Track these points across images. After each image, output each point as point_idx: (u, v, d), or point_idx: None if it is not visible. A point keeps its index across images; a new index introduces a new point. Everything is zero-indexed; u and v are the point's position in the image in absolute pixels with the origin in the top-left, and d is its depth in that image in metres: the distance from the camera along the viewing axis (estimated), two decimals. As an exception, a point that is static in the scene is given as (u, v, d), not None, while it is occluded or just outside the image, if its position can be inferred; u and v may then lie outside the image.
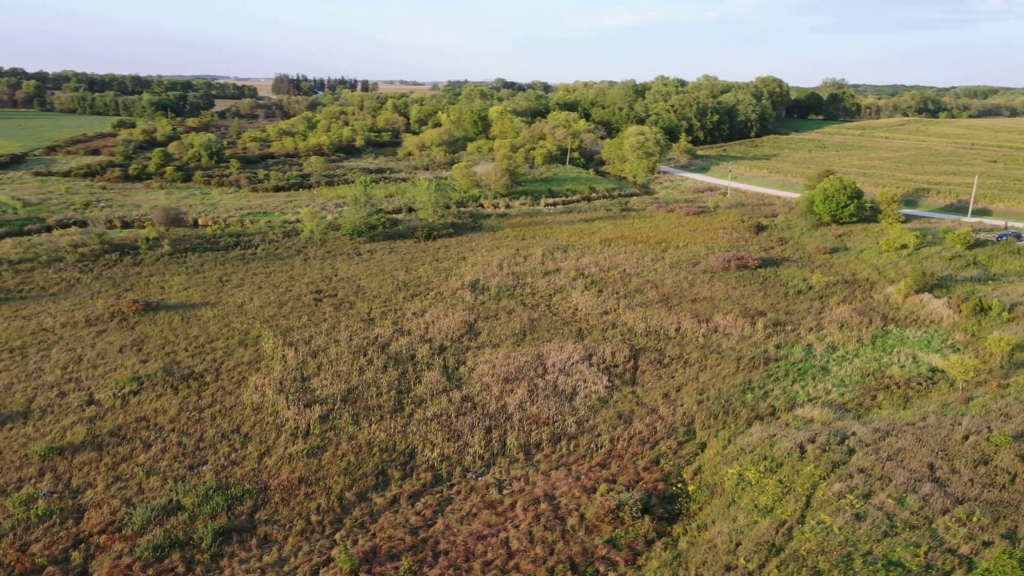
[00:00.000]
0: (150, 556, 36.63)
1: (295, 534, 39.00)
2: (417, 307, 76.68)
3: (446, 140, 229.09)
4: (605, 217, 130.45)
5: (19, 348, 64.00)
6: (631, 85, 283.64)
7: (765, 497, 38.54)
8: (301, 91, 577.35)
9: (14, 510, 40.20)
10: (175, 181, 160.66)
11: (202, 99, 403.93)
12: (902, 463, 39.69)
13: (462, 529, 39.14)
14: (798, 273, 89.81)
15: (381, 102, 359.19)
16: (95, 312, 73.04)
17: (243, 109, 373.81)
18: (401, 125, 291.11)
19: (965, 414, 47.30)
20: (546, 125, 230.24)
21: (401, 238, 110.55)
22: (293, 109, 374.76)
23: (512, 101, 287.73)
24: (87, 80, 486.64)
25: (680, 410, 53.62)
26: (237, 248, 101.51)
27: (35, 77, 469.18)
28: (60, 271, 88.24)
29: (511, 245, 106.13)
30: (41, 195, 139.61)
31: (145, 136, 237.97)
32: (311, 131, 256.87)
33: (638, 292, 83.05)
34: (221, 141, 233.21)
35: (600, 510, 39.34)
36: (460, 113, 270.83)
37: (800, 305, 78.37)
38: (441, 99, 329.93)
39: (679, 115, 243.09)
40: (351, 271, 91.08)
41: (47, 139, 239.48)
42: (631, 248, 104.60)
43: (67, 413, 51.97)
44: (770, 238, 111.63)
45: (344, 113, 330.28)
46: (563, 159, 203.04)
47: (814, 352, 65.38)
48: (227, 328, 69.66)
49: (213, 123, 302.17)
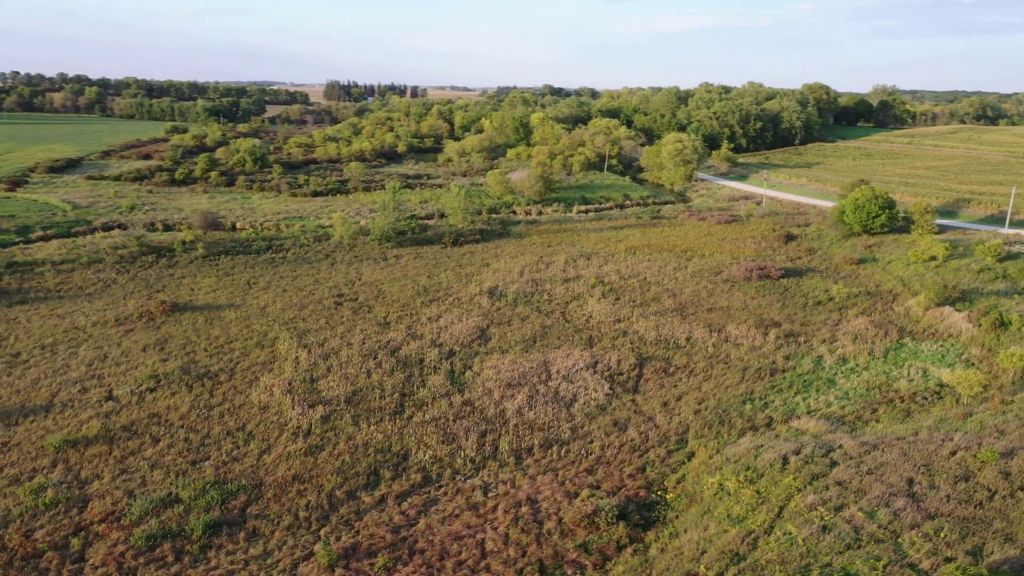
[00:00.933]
0: (143, 545, 38.59)
1: (282, 529, 40.62)
2: (433, 312, 78.20)
3: (486, 146, 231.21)
4: (635, 225, 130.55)
5: (50, 345, 67.27)
6: (674, 92, 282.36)
7: (739, 507, 38.86)
8: (351, 97, 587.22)
9: (24, 498, 42.63)
10: (219, 186, 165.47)
11: (254, 105, 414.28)
12: (881, 477, 39.60)
13: (442, 529, 40.29)
14: (820, 284, 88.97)
15: (427, 108, 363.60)
16: (125, 312, 76.27)
17: (293, 115, 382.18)
18: (445, 131, 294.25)
19: (960, 430, 46.78)
20: (586, 132, 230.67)
21: (429, 243, 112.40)
22: (341, 115, 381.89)
23: (554, 108, 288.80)
24: (146, 86, 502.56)
25: (676, 419, 53.99)
26: (269, 252, 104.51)
27: (97, 84, 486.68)
28: (99, 272, 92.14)
29: (536, 252, 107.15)
30: (91, 198, 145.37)
31: (196, 141, 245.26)
32: (356, 137, 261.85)
33: (655, 301, 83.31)
34: (268, 146, 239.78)
35: (576, 515, 40.11)
36: (502, 120, 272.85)
37: (817, 316, 77.75)
38: (485, 106, 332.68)
39: (721, 122, 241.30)
40: (375, 276, 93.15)
41: (103, 144, 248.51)
42: (655, 256, 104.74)
43: (86, 408, 54.64)
44: (799, 248, 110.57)
45: (390, 119, 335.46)
46: (602, 166, 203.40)
47: (823, 364, 64.96)
48: (247, 329, 72.10)
49: (262, 129, 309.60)
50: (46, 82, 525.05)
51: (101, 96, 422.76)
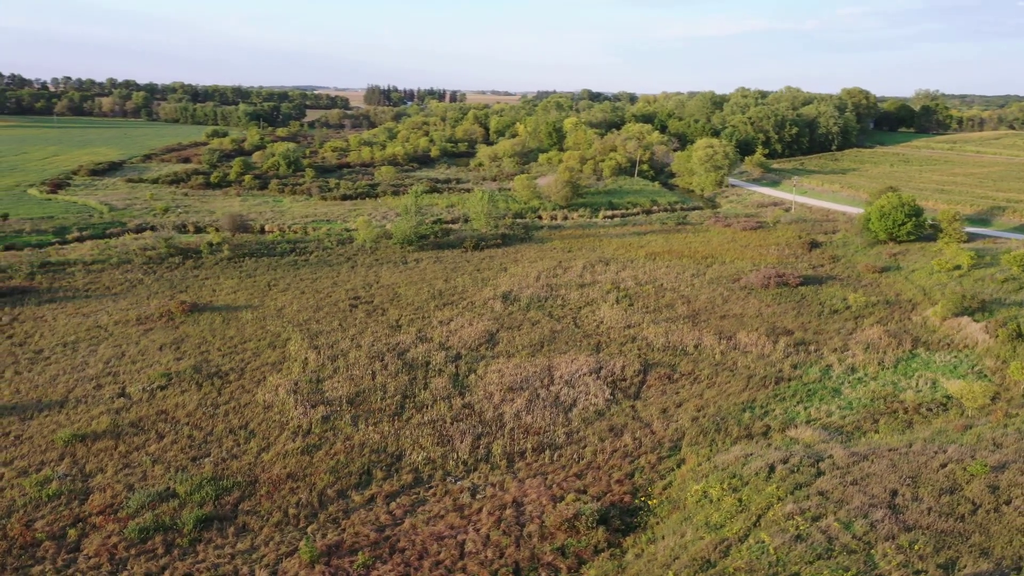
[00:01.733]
0: (136, 537, 39.94)
1: (271, 525, 41.69)
2: (445, 316, 79.07)
3: (518, 151, 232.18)
4: (658, 231, 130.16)
5: (72, 343, 69.58)
6: (709, 96, 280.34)
7: (719, 515, 38.86)
8: (391, 101, 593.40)
9: (30, 489, 44.36)
10: (252, 189, 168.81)
11: (294, 109, 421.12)
12: (865, 488, 39.28)
13: (425, 529, 40.97)
14: (839, 292, 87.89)
15: (463, 113, 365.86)
16: (147, 311, 78.52)
17: (332, 119, 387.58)
18: (479, 136, 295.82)
19: (955, 442, 46.10)
20: (618, 137, 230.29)
21: (450, 247, 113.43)
22: (379, 119, 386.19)
23: (588, 113, 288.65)
24: (192, 91, 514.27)
25: (673, 426, 53.98)
26: (292, 254, 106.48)
27: (145, 88, 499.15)
28: (127, 272, 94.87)
29: (555, 257, 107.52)
30: (128, 200, 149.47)
31: (234, 145, 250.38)
32: (391, 141, 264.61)
33: (668, 307, 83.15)
34: (304, 150, 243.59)
35: (558, 518, 40.48)
36: (536, 124, 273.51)
37: (831, 325, 76.89)
38: (520, 111, 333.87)
39: (756, 127, 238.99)
40: (392, 279, 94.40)
41: (146, 147, 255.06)
42: (675, 262, 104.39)
43: (98, 404, 56.50)
44: (822, 255, 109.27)
45: (426, 123, 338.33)
46: (633, 171, 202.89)
47: (831, 373, 64.32)
48: (262, 330, 73.73)
49: (300, 133, 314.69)
50: (96, 87, 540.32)
51: (148, 101, 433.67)
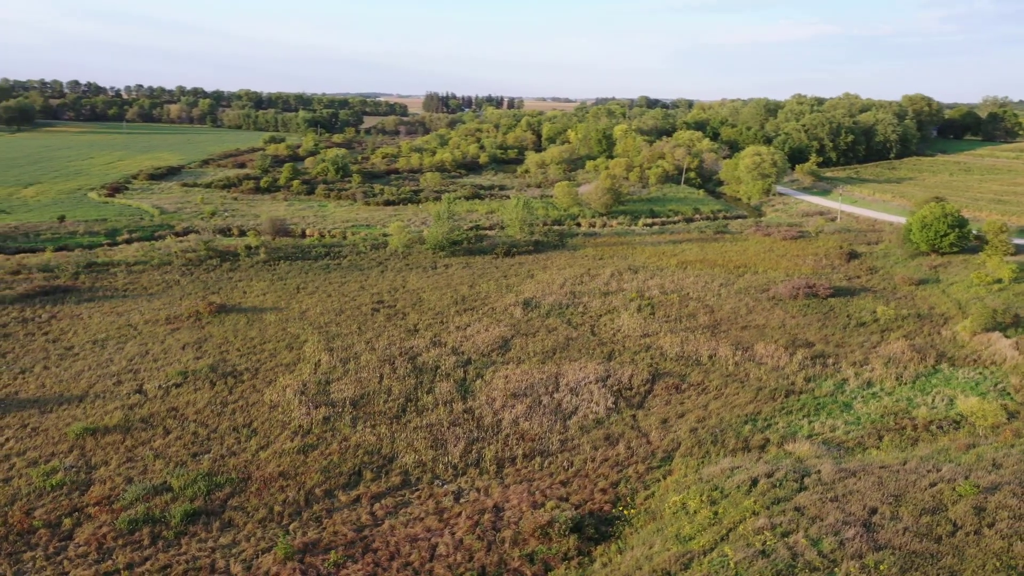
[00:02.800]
0: (125, 528, 41.51)
1: (255, 521, 42.81)
2: (464, 321, 79.73)
3: (566, 158, 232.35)
4: (696, 239, 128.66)
5: (102, 341, 72.46)
6: (763, 103, 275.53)
7: (691, 527, 38.44)
8: (449, 108, 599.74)
9: (36, 479, 46.46)
10: (300, 194, 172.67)
11: (352, 116, 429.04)
12: (843, 505, 38.35)
13: (402, 531, 41.54)
14: (868, 305, 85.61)
15: (517, 119, 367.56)
16: (176, 312, 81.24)
17: (388, 126, 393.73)
18: (530, 143, 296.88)
19: (953, 461, 44.59)
20: (667, 144, 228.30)
21: (482, 254, 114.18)
22: (434, 126, 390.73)
23: (639, 119, 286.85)
24: (256, 98, 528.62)
25: (670, 437, 53.47)
26: (326, 258, 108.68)
27: (211, 96, 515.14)
28: (165, 274, 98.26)
29: (584, 264, 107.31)
30: (179, 204, 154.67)
31: (289, 151, 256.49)
32: (442, 148, 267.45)
33: (690, 316, 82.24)
34: (356, 156, 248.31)
35: (532, 525, 40.59)
36: (587, 131, 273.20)
37: (855, 338, 74.99)
38: (572, 118, 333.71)
39: (810, 135, 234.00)
40: (419, 284, 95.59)
41: (206, 153, 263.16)
42: (705, 271, 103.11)
43: (114, 399, 58.78)
44: (860, 266, 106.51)
45: (479, 130, 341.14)
46: (680, 179, 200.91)
47: (845, 387, 62.77)
48: (282, 332, 75.55)
49: (355, 139, 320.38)
50: (166, 94, 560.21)
51: (213, 108, 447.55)
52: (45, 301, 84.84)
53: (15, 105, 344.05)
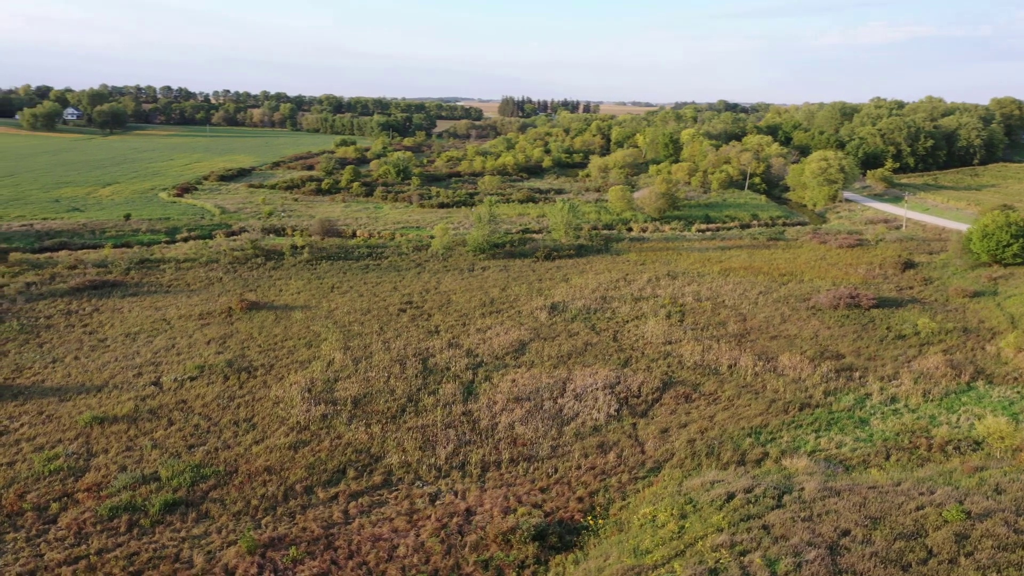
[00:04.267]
0: (106, 515, 42.80)
1: (230, 514, 43.52)
2: (486, 323, 79.48)
3: (629, 162, 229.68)
4: (747, 246, 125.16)
5: (134, 334, 75.24)
6: (839, 107, 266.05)
7: (653, 540, 37.11)
8: (524, 112, 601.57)
9: (37, 464, 48.44)
10: (359, 195, 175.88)
11: (426, 120, 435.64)
12: (815, 525, 36.34)
13: (368, 531, 41.52)
14: (912, 317, 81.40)
15: (587, 123, 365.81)
16: (210, 308, 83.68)
17: (459, 130, 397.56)
18: (598, 147, 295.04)
19: (955, 484, 41.74)
20: (733, 149, 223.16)
21: (523, 257, 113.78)
22: (505, 130, 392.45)
23: (708, 123, 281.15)
24: (336, 103, 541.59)
25: (665, 447, 51.91)
26: (368, 259, 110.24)
27: (293, 101, 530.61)
28: (210, 271, 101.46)
29: (623, 269, 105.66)
30: (241, 204, 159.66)
31: (358, 154, 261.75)
32: (508, 151, 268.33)
33: (719, 324, 79.90)
34: (421, 159, 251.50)
35: (495, 530, 39.97)
36: (654, 135, 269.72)
37: (890, 351, 71.41)
38: (641, 121, 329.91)
39: (886, 140, 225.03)
40: (452, 285, 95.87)
41: (279, 155, 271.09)
42: (748, 279, 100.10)
43: (130, 390, 60.85)
44: (915, 277, 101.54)
45: (549, 134, 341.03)
46: (744, 184, 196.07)
47: (867, 402, 59.74)
48: (305, 329, 76.87)
49: (425, 143, 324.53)
50: (251, 99, 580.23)
51: (293, 112, 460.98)
52: (92, 295, 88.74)
53: (108, 109, 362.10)
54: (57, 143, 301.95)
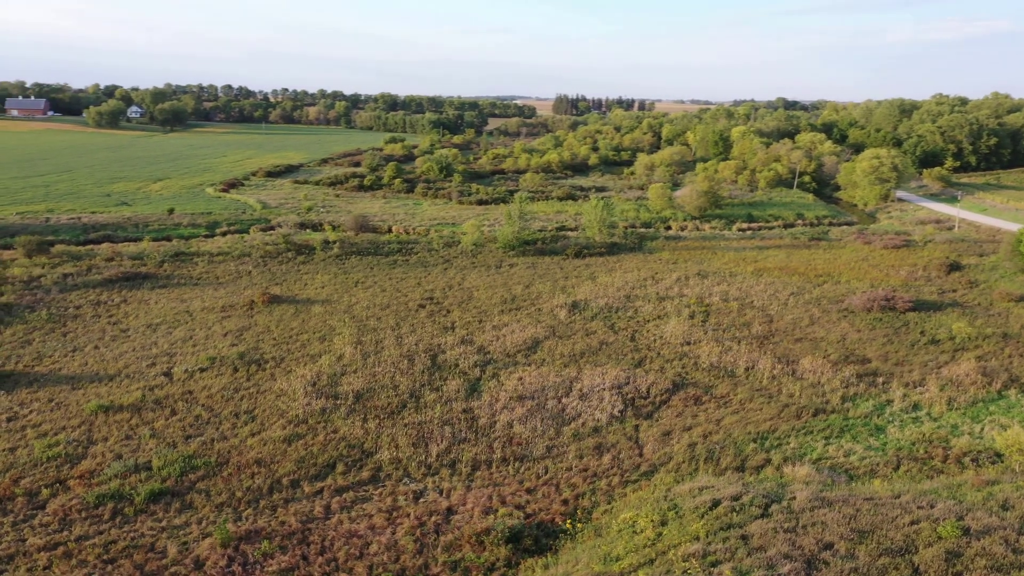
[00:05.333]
0: (92, 502, 43.22)
1: (212, 505, 43.51)
2: (503, 320, 78.55)
3: (676, 160, 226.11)
4: (786, 245, 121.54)
5: (156, 325, 76.46)
6: (897, 104, 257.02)
7: (626, 547, 35.68)
8: (578, 111, 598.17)
9: (38, 450, 49.31)
10: (400, 192, 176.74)
11: (477, 118, 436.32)
12: (796, 537, 34.44)
13: (346, 527, 41.00)
14: (948, 321, 77.63)
15: (639, 121, 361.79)
16: (233, 301, 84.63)
17: (510, 128, 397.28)
18: (647, 145, 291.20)
19: (957, 497, 39.22)
20: (783, 147, 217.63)
21: (553, 254, 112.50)
22: (556, 127, 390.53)
23: (760, 121, 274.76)
24: (391, 101, 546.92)
25: (664, 451, 50.26)
26: (398, 255, 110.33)
27: (349, 99, 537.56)
28: (241, 264, 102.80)
29: (653, 268, 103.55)
30: (283, 200, 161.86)
31: (405, 151, 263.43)
32: (555, 149, 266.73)
33: (743, 326, 77.48)
34: (467, 156, 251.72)
35: (469, 531, 39.06)
36: (704, 133, 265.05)
37: (920, 356, 68.15)
38: (693, 119, 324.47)
39: (946, 137, 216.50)
40: (476, 282, 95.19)
41: (328, 152, 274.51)
42: (782, 279, 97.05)
43: (140, 380, 61.69)
44: (960, 279, 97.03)
45: (599, 132, 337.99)
46: (793, 183, 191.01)
47: (886, 410, 57.02)
48: (322, 324, 77.06)
49: (473, 140, 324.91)
50: (308, 97, 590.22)
51: (347, 110, 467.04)
52: (124, 286, 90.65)
53: (169, 107, 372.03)
54: (118, 140, 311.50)
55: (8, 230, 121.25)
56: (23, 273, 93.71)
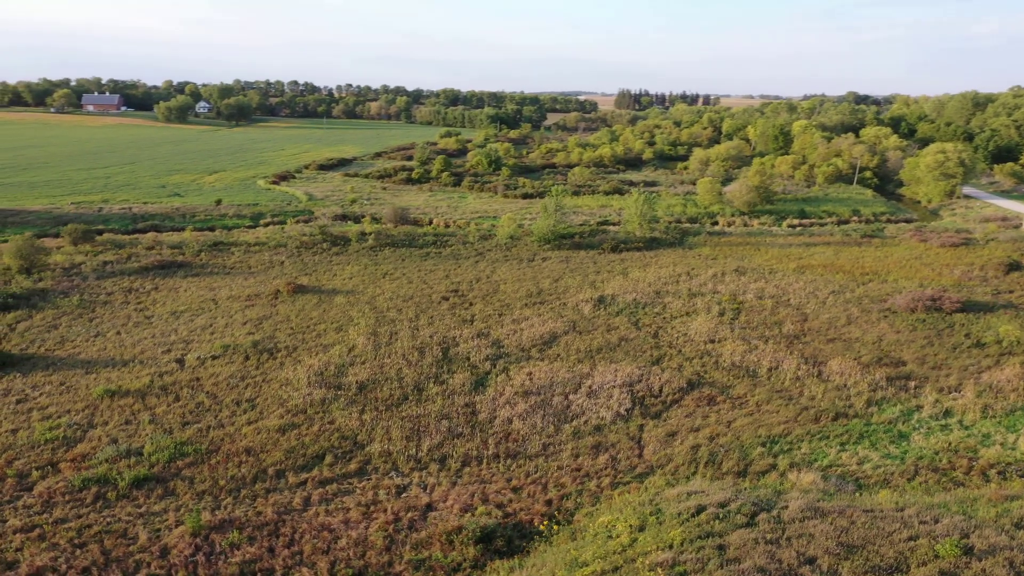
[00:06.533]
0: (78, 486, 43.30)
1: (194, 493, 43.10)
2: (525, 314, 76.89)
3: (733, 155, 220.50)
4: (836, 242, 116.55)
5: (180, 313, 77.26)
6: (971, 97, 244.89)
7: (595, 552, 33.70)
8: (640, 105, 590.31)
9: (38, 432, 49.85)
10: (447, 185, 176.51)
11: (536, 113, 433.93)
12: (776, 550, 31.92)
13: (321, 519, 40.01)
14: (998, 324, 72.73)
15: (699, 115, 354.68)
16: (260, 290, 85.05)
17: (569, 122, 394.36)
18: (705, 139, 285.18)
19: (967, 513, 35.97)
20: (845, 141, 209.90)
21: (589, 248, 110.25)
22: (615, 122, 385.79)
23: (823, 114, 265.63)
24: (452, 96, 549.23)
25: (665, 452, 47.92)
26: (432, 247, 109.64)
27: (411, 95, 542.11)
28: (275, 255, 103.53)
29: (690, 263, 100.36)
30: (330, 192, 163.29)
31: (459, 145, 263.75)
32: (611, 143, 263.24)
33: (774, 325, 74.10)
34: (520, 151, 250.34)
35: (441, 529, 37.62)
36: (764, 127, 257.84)
37: (960, 360, 63.87)
38: (754, 113, 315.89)
39: (1022, 132, 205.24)
40: (504, 275, 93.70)
41: (383, 146, 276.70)
42: (824, 277, 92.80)
43: (151, 366, 62.12)
44: (1019, 280, 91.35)
45: (658, 127, 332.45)
46: (854, 179, 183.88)
47: (913, 416, 53.37)
48: (342, 314, 76.68)
49: (529, 135, 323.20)
50: (371, 93, 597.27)
51: (408, 105, 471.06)
52: (158, 274, 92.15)
53: (234, 103, 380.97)
54: (184, 134, 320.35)
55: (62, 219, 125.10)
56: (65, 260, 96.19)
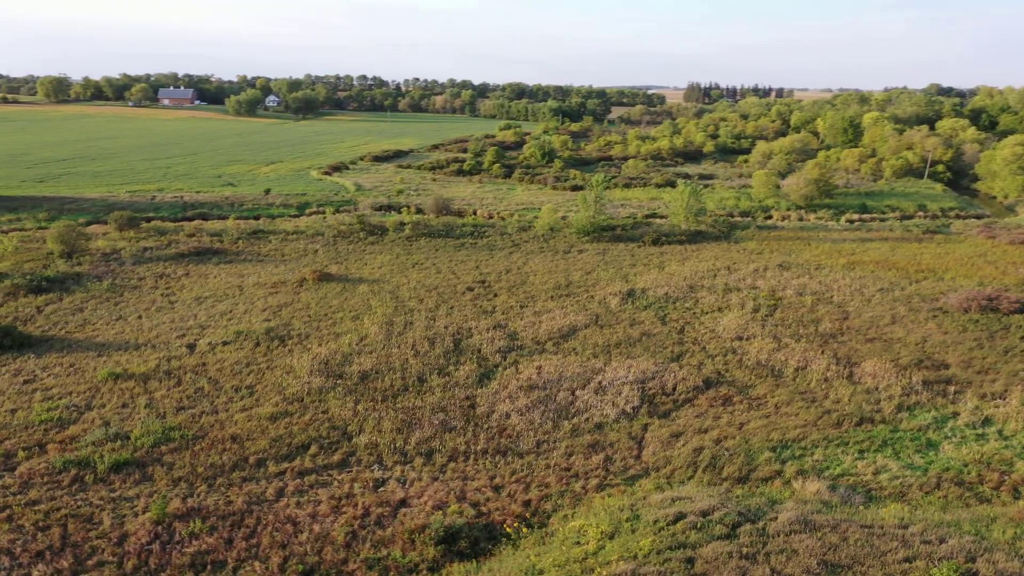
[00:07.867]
0: (58, 467, 42.95)
1: (170, 479, 42.23)
2: (548, 307, 74.41)
3: (799, 148, 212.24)
4: (894, 238, 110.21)
5: (204, 298, 77.40)
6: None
7: (556, 559, 31.24)
8: (710, 99, 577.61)
9: (36, 412, 49.96)
10: (497, 177, 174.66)
11: (600, 106, 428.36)
12: (752, 567, 28.88)
13: (288, 512, 38.61)
14: (1060, 325, 66.86)
15: (768, 108, 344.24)
16: (285, 278, 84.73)
17: (633, 116, 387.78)
18: (772, 132, 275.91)
19: (980, 533, 32.12)
20: (918, 134, 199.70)
21: (629, 241, 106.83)
22: (680, 115, 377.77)
23: (897, 106, 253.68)
24: (518, 90, 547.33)
25: (665, 454, 44.92)
26: (468, 237, 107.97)
27: (476, 88, 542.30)
28: (310, 243, 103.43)
29: (732, 258, 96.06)
30: (379, 183, 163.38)
31: (517, 137, 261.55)
32: (672, 136, 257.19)
33: (811, 323, 69.80)
34: (578, 143, 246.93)
35: (407, 527, 35.70)
36: (833, 120, 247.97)
37: (1011, 365, 58.73)
38: (824, 105, 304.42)
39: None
40: (536, 266, 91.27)
41: (443, 138, 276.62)
42: (875, 274, 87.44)
43: (162, 350, 62.02)
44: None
45: (724, 119, 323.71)
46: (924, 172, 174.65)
47: (947, 423, 48.98)
48: (362, 302, 75.57)
49: (590, 128, 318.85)
50: (438, 87, 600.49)
51: (473, 98, 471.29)
52: (192, 260, 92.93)
53: (301, 96, 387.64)
54: (251, 127, 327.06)
55: (115, 206, 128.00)
56: (106, 246, 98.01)
